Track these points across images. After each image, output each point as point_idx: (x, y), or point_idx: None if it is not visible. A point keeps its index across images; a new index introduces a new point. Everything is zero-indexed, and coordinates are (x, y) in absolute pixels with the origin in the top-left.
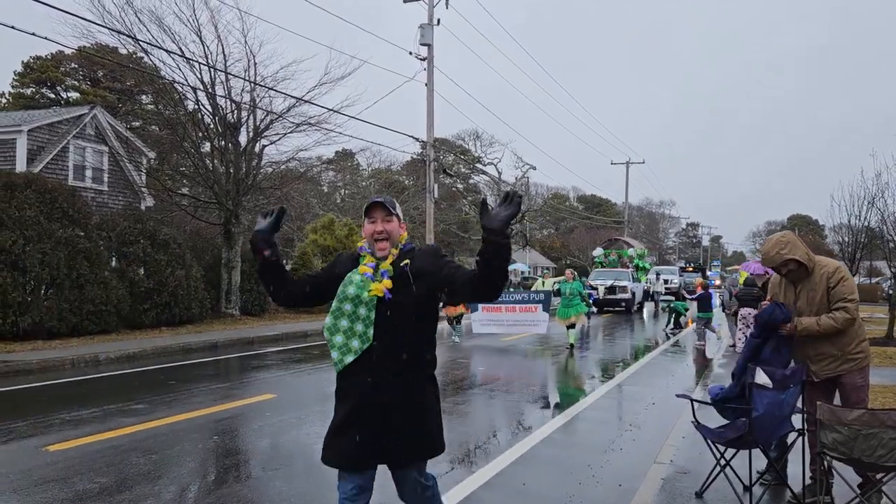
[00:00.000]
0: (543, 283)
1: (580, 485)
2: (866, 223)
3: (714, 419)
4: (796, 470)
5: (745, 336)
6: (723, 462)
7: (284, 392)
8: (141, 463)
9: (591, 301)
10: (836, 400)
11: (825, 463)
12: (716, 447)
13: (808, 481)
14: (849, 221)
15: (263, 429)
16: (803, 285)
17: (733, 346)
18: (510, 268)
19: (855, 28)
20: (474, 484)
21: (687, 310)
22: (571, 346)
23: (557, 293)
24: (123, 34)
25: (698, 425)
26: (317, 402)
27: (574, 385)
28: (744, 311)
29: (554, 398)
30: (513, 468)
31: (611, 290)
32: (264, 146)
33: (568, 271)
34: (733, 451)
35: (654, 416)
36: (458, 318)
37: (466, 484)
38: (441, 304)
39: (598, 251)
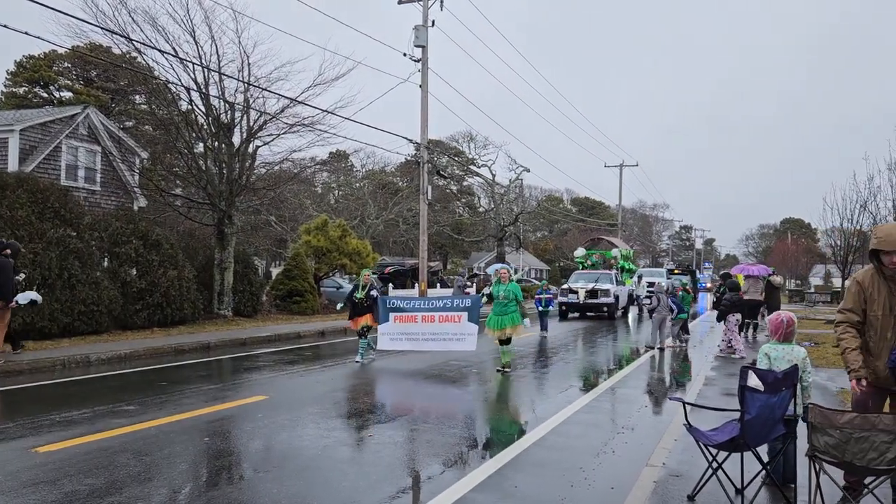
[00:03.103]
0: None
1: (572, 487)
2: (858, 226)
3: (706, 422)
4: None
5: (738, 339)
6: (715, 465)
7: (277, 393)
8: (131, 464)
9: (544, 306)
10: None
11: (816, 466)
12: (708, 450)
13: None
14: (841, 225)
15: (255, 430)
16: None
17: (731, 349)
18: (496, 268)
19: (847, 32)
20: (465, 487)
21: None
22: (504, 368)
23: (490, 298)
24: (117, 34)
25: (690, 428)
26: (309, 403)
27: (510, 421)
28: (734, 316)
29: (482, 437)
30: (506, 470)
31: (592, 293)
32: (258, 147)
33: (503, 269)
34: (725, 453)
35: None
36: (364, 333)
37: (457, 488)
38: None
39: (580, 251)
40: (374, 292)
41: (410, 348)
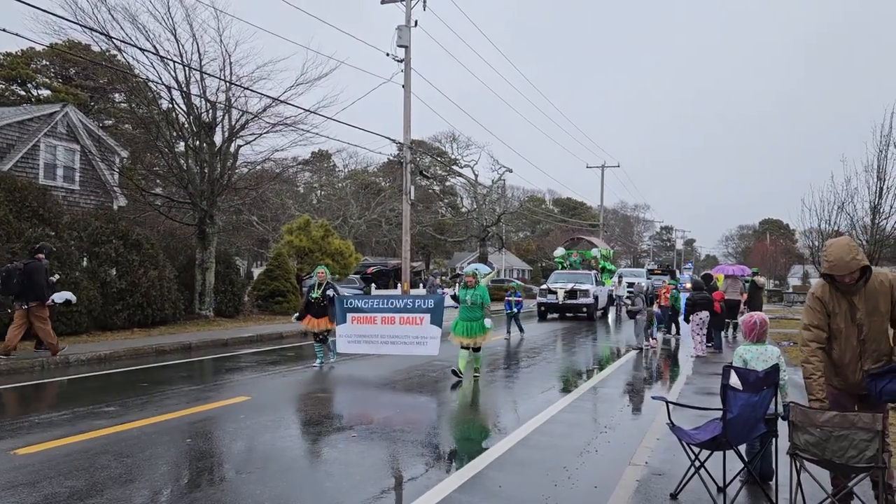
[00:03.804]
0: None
1: (555, 486)
2: (836, 227)
3: (688, 421)
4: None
5: (697, 339)
6: (697, 463)
7: (259, 394)
8: (112, 466)
9: (512, 309)
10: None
11: (797, 463)
12: (690, 449)
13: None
14: (819, 226)
15: (238, 431)
16: (861, 295)
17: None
18: (474, 268)
19: (832, 35)
20: (449, 487)
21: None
22: (457, 373)
23: (455, 300)
24: (96, 31)
25: (673, 427)
26: (292, 404)
27: (494, 422)
28: (697, 315)
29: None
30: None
31: (571, 293)
32: (240, 146)
33: (468, 275)
34: (708, 452)
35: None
36: (323, 336)
37: (441, 488)
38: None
39: (560, 251)
40: (330, 291)
41: (369, 352)
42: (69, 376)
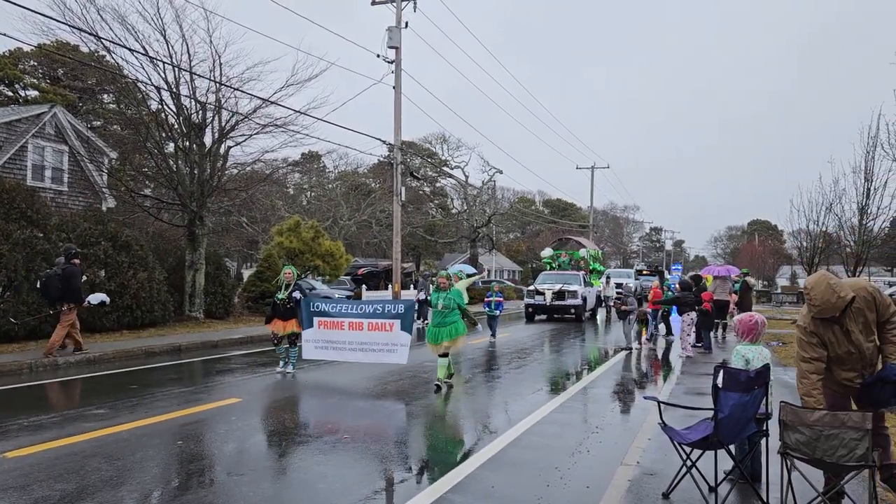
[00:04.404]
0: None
1: (548, 487)
2: (824, 228)
3: (679, 421)
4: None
5: (686, 340)
6: (689, 463)
7: (250, 396)
8: (103, 469)
9: (494, 310)
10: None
11: (788, 463)
12: (682, 448)
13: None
14: (807, 227)
15: (229, 433)
16: (849, 316)
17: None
18: (457, 270)
19: (820, 37)
20: (443, 488)
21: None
22: (440, 385)
23: (427, 303)
24: (85, 32)
25: (664, 427)
26: (283, 405)
27: (485, 423)
28: (688, 315)
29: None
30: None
31: (559, 295)
32: (230, 147)
33: (441, 277)
34: (699, 452)
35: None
36: (292, 339)
37: (434, 489)
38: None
39: (547, 251)
40: (297, 293)
41: (336, 358)
42: (58, 378)
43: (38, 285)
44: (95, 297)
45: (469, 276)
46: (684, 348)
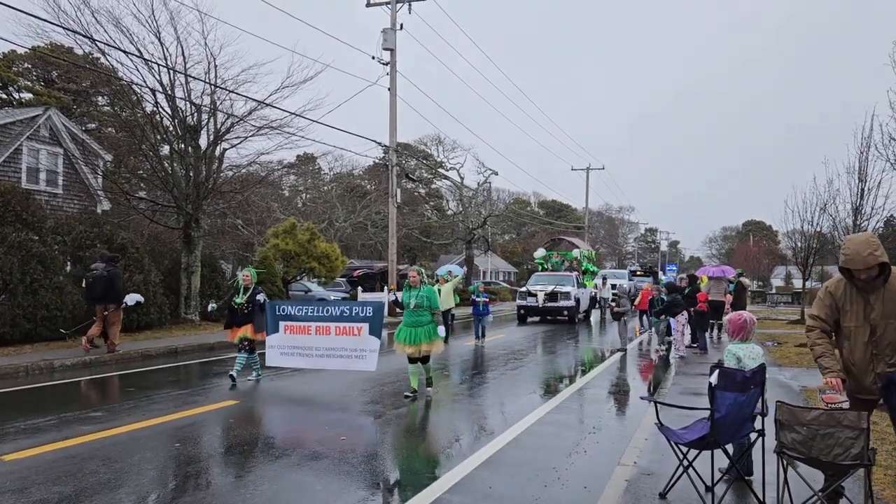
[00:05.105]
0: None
1: (545, 487)
2: (818, 228)
3: (676, 421)
4: (757, 470)
5: (679, 340)
6: (685, 463)
7: (247, 398)
8: (100, 472)
9: (480, 311)
10: None
11: (784, 462)
12: (679, 448)
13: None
14: (802, 227)
15: (227, 435)
16: (878, 294)
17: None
18: (447, 269)
19: (807, 35)
20: (441, 488)
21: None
22: (413, 394)
23: (398, 305)
24: (79, 34)
25: (661, 427)
26: (281, 407)
27: (481, 424)
28: (683, 315)
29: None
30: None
31: (552, 296)
32: (225, 149)
33: (412, 272)
34: (696, 452)
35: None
36: (246, 346)
37: (432, 490)
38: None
39: (540, 252)
40: (260, 296)
41: (303, 365)
42: (55, 381)
43: (83, 284)
44: (132, 298)
45: (456, 277)
46: (678, 349)
